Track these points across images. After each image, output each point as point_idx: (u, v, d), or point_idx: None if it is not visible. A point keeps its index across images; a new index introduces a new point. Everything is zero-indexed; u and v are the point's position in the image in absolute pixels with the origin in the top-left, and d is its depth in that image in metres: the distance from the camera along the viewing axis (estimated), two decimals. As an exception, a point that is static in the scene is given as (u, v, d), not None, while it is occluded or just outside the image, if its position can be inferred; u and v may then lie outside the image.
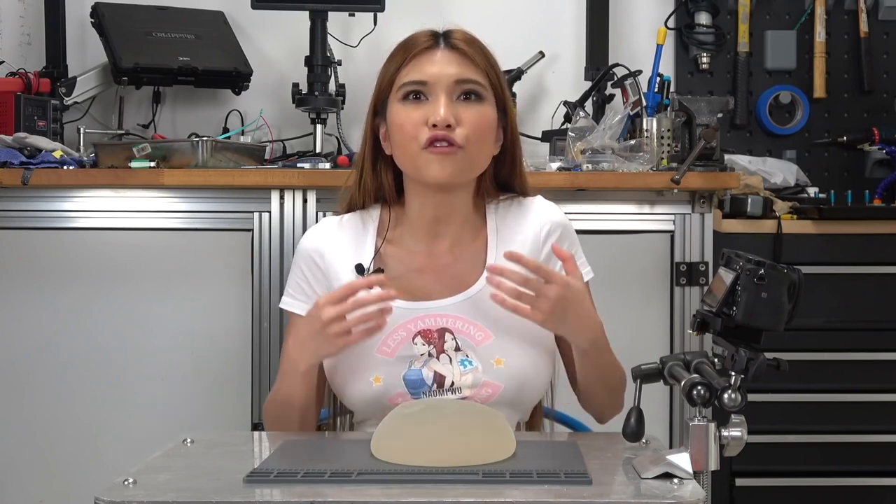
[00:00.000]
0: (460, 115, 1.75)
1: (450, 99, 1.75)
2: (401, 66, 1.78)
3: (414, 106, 1.76)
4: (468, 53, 1.78)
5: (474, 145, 1.76)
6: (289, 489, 1.33)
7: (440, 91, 1.75)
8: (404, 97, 1.77)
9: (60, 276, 2.76)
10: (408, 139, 1.75)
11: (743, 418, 1.39)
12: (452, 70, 1.76)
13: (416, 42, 1.79)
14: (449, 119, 1.73)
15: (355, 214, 1.88)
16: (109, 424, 2.76)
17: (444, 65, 1.77)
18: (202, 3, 3.32)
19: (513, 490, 1.30)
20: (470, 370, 1.75)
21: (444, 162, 1.74)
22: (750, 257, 1.42)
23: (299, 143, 3.31)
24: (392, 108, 1.78)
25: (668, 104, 2.96)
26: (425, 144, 1.73)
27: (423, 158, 1.74)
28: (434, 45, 1.79)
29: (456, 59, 1.77)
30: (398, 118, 1.77)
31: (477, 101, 1.77)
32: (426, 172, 1.75)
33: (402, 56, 1.79)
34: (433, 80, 1.75)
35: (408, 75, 1.77)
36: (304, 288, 1.85)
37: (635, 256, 2.80)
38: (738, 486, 2.87)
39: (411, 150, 1.75)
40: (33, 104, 2.98)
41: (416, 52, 1.78)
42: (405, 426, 1.48)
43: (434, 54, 1.78)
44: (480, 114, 1.77)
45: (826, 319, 2.85)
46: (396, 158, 1.81)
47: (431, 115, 1.73)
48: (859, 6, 3.43)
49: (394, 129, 1.78)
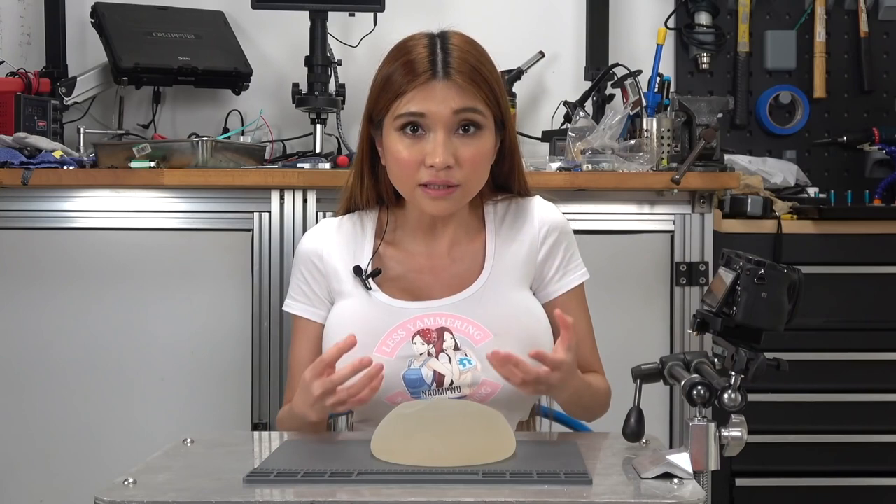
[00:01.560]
0: (459, 154, 1.72)
1: (448, 135, 1.71)
2: (398, 96, 1.72)
3: (411, 140, 1.72)
4: (468, 86, 1.71)
5: (472, 181, 1.75)
6: (289, 489, 1.33)
7: (439, 127, 1.71)
8: (401, 128, 1.73)
9: (60, 276, 2.76)
10: (404, 174, 1.74)
11: (743, 418, 1.39)
12: (452, 103, 1.71)
13: (415, 67, 1.72)
14: (448, 161, 1.70)
15: (354, 216, 1.88)
16: (109, 424, 2.76)
17: (443, 100, 1.71)
18: (202, 3, 3.32)
19: (513, 490, 1.30)
20: (469, 369, 1.75)
21: (440, 201, 1.73)
22: (750, 257, 1.42)
23: (299, 143, 3.31)
24: (389, 134, 1.75)
25: (668, 104, 2.96)
26: (423, 182, 1.72)
27: (419, 194, 1.74)
28: (432, 77, 1.71)
29: (455, 91, 1.71)
30: (394, 148, 1.74)
31: (476, 132, 1.73)
32: (422, 207, 1.75)
33: (399, 81, 1.72)
34: (432, 115, 1.71)
35: (405, 106, 1.71)
36: (304, 290, 1.86)
37: (635, 256, 2.80)
38: (738, 486, 2.87)
39: (408, 185, 1.75)
40: (33, 104, 2.98)
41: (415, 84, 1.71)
42: (405, 426, 1.48)
43: (432, 87, 1.71)
44: (478, 149, 1.74)
45: (826, 319, 2.85)
46: (393, 182, 1.80)
47: (429, 157, 1.70)
48: (859, 6, 3.43)
49: (390, 158, 1.76)
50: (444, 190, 1.72)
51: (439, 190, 1.72)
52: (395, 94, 1.72)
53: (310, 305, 1.85)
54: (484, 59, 1.77)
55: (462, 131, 1.73)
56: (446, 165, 1.70)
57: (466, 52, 1.75)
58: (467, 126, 1.73)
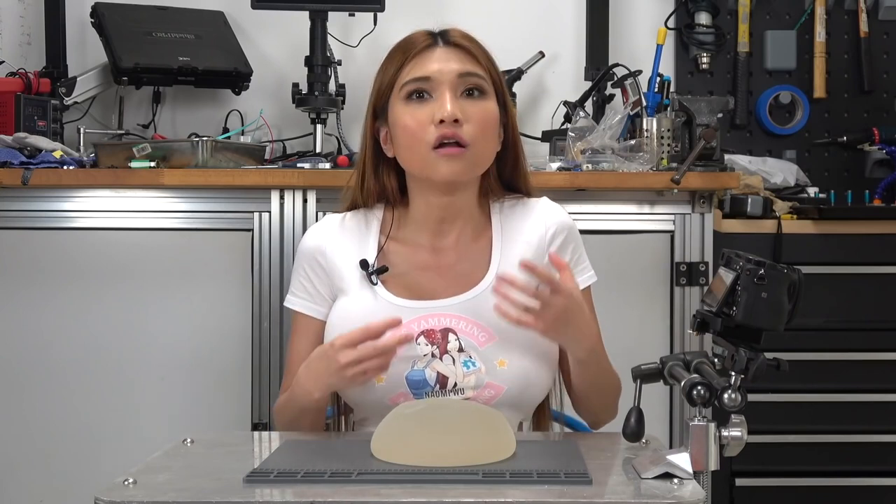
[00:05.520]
0: (466, 111, 1.74)
1: (454, 94, 1.74)
2: (401, 67, 1.77)
3: (418, 105, 1.75)
4: (468, 48, 1.78)
5: (480, 142, 1.76)
6: (289, 489, 1.33)
7: (444, 86, 1.74)
8: (407, 96, 1.76)
9: (60, 276, 2.75)
10: (415, 140, 1.75)
11: (743, 418, 1.39)
12: (455, 65, 1.76)
13: (414, 42, 1.79)
14: (457, 114, 1.72)
15: (358, 212, 1.88)
16: (109, 424, 2.75)
17: (446, 61, 1.76)
18: (202, 3, 3.32)
19: (513, 490, 1.30)
20: (473, 371, 1.75)
21: (452, 162, 1.73)
22: (750, 257, 1.42)
23: (299, 143, 3.31)
24: (395, 109, 1.78)
25: (668, 104, 2.96)
26: (434, 144, 1.73)
27: (432, 159, 1.74)
28: (433, 44, 1.78)
29: (456, 55, 1.77)
30: (403, 119, 1.76)
31: (480, 96, 1.77)
32: (435, 172, 1.75)
33: (401, 56, 1.78)
34: (436, 76, 1.75)
35: (410, 73, 1.76)
36: (306, 287, 1.86)
37: (635, 256, 2.80)
38: (738, 486, 2.87)
39: (419, 152, 1.75)
40: (33, 104, 2.98)
41: (416, 52, 1.77)
42: (405, 426, 1.48)
43: (434, 52, 1.77)
44: (485, 109, 1.77)
45: (826, 319, 2.85)
46: (401, 159, 1.80)
47: (438, 112, 1.73)
48: (859, 6, 3.43)
49: (398, 131, 1.77)
50: (456, 148, 1.73)
51: (452, 147, 1.73)
52: (399, 67, 1.77)
53: (311, 302, 1.85)
54: (482, 44, 1.82)
55: (467, 95, 1.76)
56: (454, 118, 1.72)
57: (465, 34, 1.81)
58: (471, 90, 1.76)
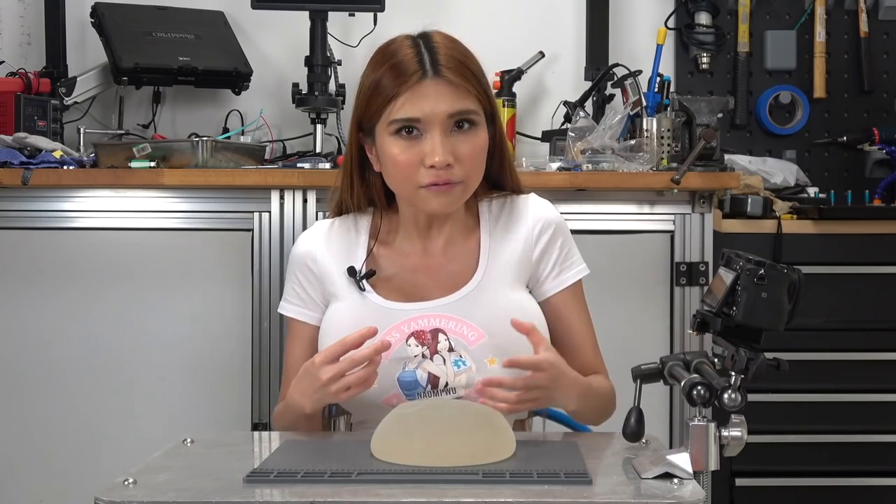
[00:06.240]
0: (457, 150, 1.71)
1: (445, 134, 1.71)
2: (390, 100, 1.71)
3: (407, 143, 1.72)
4: (459, 81, 1.72)
5: (472, 175, 1.75)
6: (289, 489, 1.33)
7: (436, 128, 1.70)
8: (396, 132, 1.72)
9: (60, 276, 2.76)
10: (405, 177, 1.73)
11: (743, 418, 1.39)
12: (445, 106, 1.70)
13: (404, 70, 1.71)
14: (448, 160, 1.70)
15: (348, 217, 1.88)
16: (109, 424, 2.76)
17: (436, 99, 1.70)
18: (202, 3, 3.32)
19: (513, 490, 1.30)
20: (464, 370, 1.75)
21: (443, 197, 1.73)
22: (750, 257, 1.42)
23: (299, 143, 3.32)
24: (383, 139, 1.74)
25: (668, 104, 2.96)
26: (424, 185, 1.72)
27: (422, 195, 1.73)
28: (423, 76, 1.71)
29: (448, 90, 1.71)
30: (391, 153, 1.73)
31: (471, 128, 1.73)
32: (425, 205, 1.75)
33: (390, 85, 1.71)
34: (427, 117, 1.70)
35: (399, 111, 1.71)
36: (299, 293, 1.86)
37: (635, 256, 2.80)
38: (738, 486, 2.87)
39: (408, 188, 1.74)
40: (33, 104, 2.99)
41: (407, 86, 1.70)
42: (405, 426, 1.48)
43: (424, 87, 1.71)
44: (475, 144, 1.74)
45: (826, 319, 2.85)
46: (390, 184, 1.79)
47: (428, 157, 1.70)
48: (859, 6, 3.43)
49: (387, 162, 1.75)
50: (446, 186, 1.72)
51: (442, 187, 1.72)
52: (387, 98, 1.72)
53: (304, 308, 1.86)
54: (468, 53, 1.77)
55: (457, 128, 1.73)
56: (446, 164, 1.70)
57: (451, 48, 1.75)
58: (461, 123, 1.73)
